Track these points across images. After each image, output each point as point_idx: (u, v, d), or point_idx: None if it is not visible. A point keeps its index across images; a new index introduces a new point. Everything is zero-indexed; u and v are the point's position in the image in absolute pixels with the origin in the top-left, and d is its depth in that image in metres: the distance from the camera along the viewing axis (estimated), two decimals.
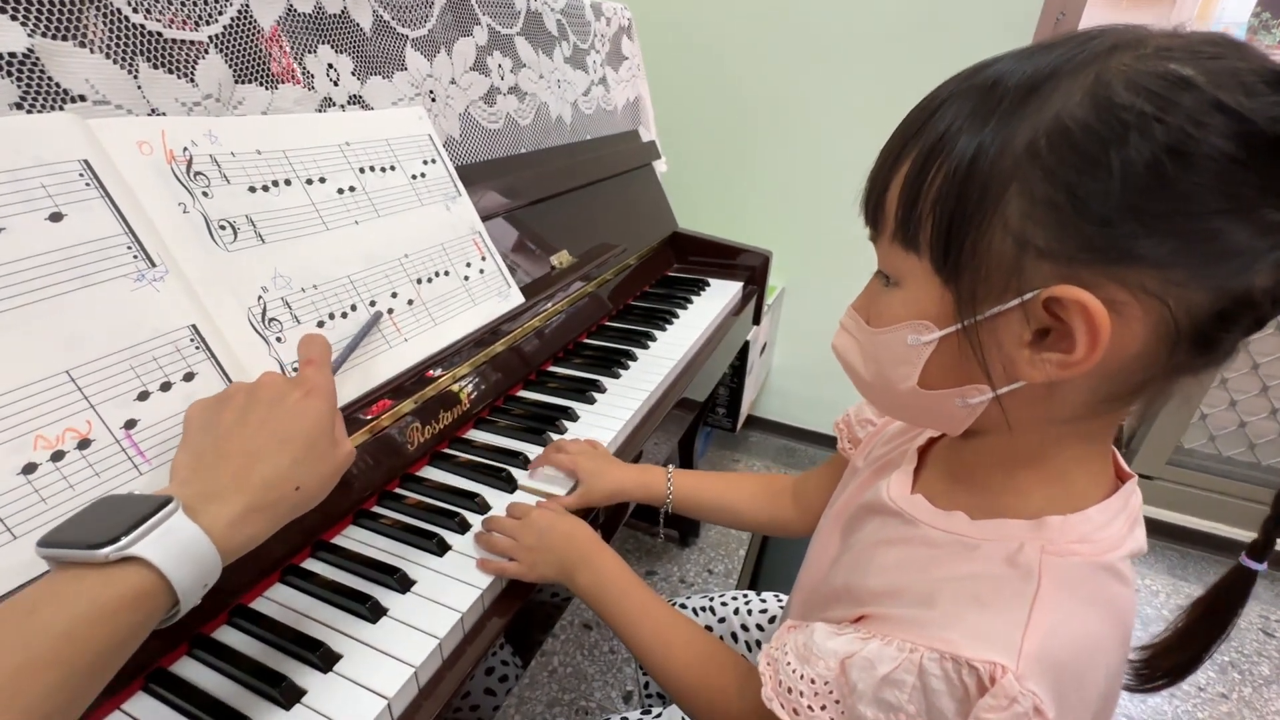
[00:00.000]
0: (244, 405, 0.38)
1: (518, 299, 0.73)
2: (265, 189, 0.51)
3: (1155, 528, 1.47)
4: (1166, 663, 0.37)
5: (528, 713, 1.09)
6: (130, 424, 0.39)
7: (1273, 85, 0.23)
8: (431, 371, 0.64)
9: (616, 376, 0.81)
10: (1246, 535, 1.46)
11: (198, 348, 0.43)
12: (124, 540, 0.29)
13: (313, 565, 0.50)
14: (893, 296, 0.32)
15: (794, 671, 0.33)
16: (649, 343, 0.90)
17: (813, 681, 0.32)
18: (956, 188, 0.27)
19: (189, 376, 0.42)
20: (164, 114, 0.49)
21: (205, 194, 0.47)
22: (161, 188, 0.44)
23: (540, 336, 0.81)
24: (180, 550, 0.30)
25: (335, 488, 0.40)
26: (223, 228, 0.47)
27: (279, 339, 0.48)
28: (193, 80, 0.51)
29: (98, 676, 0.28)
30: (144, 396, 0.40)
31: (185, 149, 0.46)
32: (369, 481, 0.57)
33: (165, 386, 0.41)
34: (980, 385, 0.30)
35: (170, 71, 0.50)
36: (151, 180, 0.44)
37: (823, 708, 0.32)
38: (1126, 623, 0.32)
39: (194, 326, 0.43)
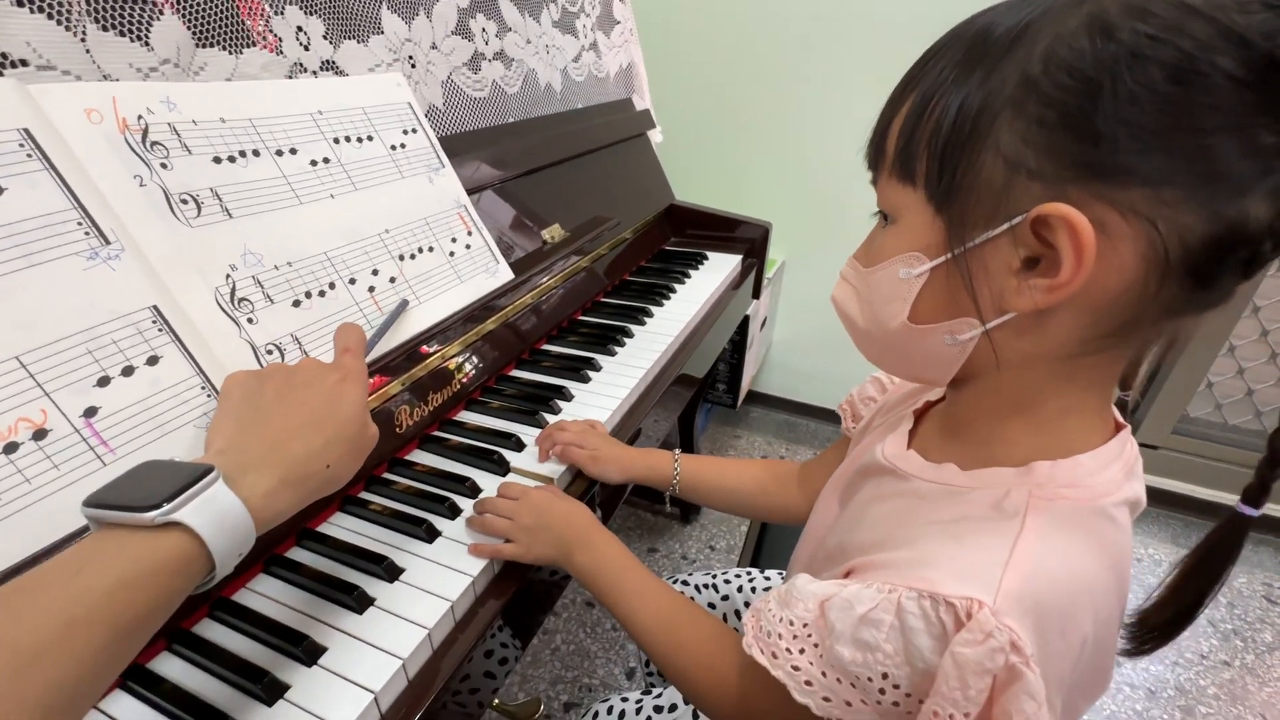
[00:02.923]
0: (283, 383, 0.39)
1: (507, 275, 0.71)
2: (231, 160, 0.48)
3: (1159, 497, 1.46)
4: (1157, 618, 0.36)
5: (531, 690, 1.10)
6: (90, 412, 0.37)
7: (1267, 5, 0.23)
8: (420, 351, 0.61)
9: (612, 354, 0.78)
10: None
11: (160, 330, 0.40)
12: (167, 506, 0.29)
13: (298, 554, 0.48)
14: (888, 233, 0.33)
15: (774, 615, 0.33)
16: (645, 319, 0.87)
17: (791, 624, 0.31)
18: (953, 116, 0.28)
19: (153, 360, 0.40)
20: (117, 80, 0.45)
21: (164, 165, 0.44)
22: (114, 159, 0.41)
23: (532, 314, 0.78)
24: (220, 519, 0.31)
25: None
26: (184, 201, 0.44)
27: (250, 320, 0.46)
28: (147, 44, 0.48)
29: (138, 636, 0.28)
30: (104, 382, 0.37)
31: (140, 117, 0.43)
32: None
33: (127, 371, 0.38)
34: (969, 319, 0.30)
35: (122, 34, 0.46)
36: (102, 151, 0.41)
37: (801, 650, 0.31)
38: (1119, 566, 0.31)
39: (155, 308, 0.40)
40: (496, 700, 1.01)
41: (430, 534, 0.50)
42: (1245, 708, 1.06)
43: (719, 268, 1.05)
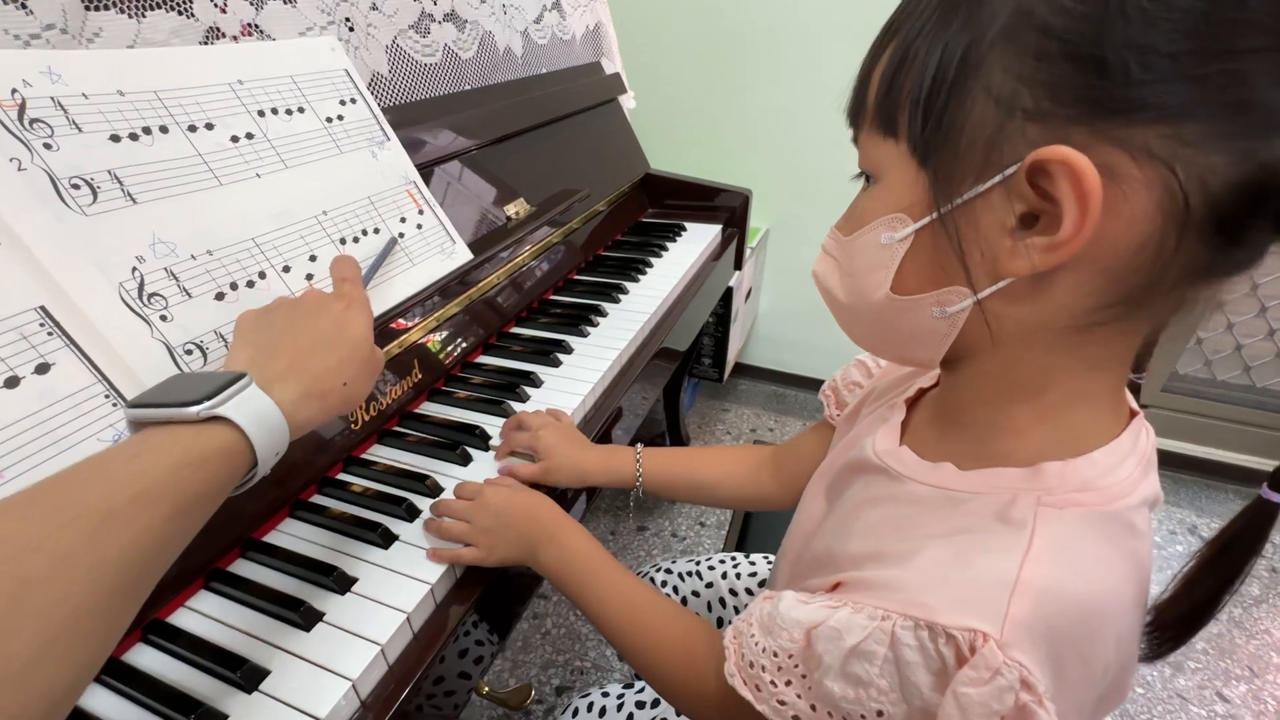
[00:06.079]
0: (291, 312, 0.40)
1: (465, 255, 0.66)
2: (133, 138, 0.43)
3: None
4: (1170, 614, 0.33)
5: (522, 676, 1.09)
6: None
7: None
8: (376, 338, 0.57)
9: (584, 335, 0.74)
10: (1241, 459, 1.46)
11: (50, 333, 0.36)
12: (210, 402, 0.31)
13: (242, 568, 0.45)
14: (870, 195, 0.29)
15: (756, 644, 0.30)
16: (620, 296, 0.83)
17: (775, 655, 0.29)
18: (938, 56, 0.24)
19: (42, 368, 0.35)
20: None
21: (48, 146, 0.38)
22: None
23: (498, 295, 0.74)
24: (258, 416, 0.32)
25: (268, 478, 0.39)
26: (76, 186, 0.39)
27: (164, 317, 0.41)
28: (24, 6, 0.42)
29: (195, 519, 0.29)
30: None
31: (14, 91, 0.38)
32: (306, 469, 0.51)
33: (11, 382, 0.34)
34: (959, 287, 0.27)
35: None
36: None
37: (787, 683, 0.28)
38: (1140, 583, 0.28)
39: (42, 308, 0.36)
40: (487, 688, 1.00)
41: (386, 539, 0.47)
42: (1233, 661, 1.07)
43: (698, 239, 1.00)
